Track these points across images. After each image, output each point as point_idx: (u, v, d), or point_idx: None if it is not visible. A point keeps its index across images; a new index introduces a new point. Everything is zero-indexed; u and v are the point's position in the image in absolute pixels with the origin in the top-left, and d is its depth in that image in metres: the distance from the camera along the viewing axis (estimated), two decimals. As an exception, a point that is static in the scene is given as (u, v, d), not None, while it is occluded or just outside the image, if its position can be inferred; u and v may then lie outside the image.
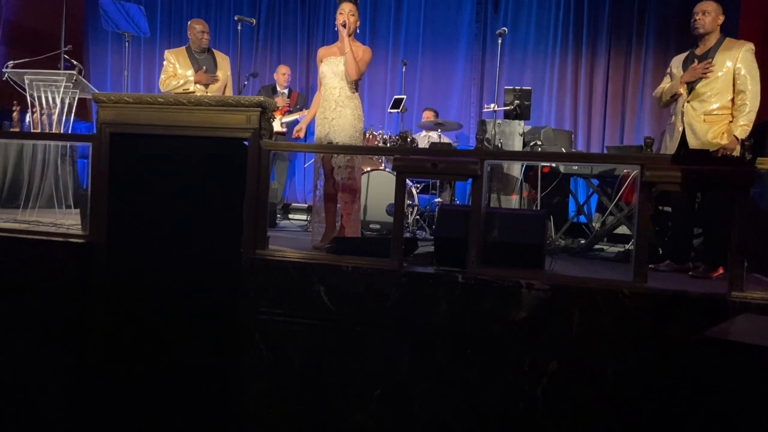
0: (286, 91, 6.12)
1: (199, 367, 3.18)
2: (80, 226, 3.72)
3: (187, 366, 3.19)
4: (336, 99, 3.69)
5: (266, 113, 3.19)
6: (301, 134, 4.00)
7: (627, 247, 4.49)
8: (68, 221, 4.03)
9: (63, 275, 3.34)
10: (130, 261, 3.29)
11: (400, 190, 3.05)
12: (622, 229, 4.75)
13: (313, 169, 4.01)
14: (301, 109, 5.97)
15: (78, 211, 4.07)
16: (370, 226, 4.95)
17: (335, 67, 3.69)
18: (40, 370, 3.38)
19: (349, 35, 3.66)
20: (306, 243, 3.93)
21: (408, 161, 3.07)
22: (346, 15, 3.64)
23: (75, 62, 4.56)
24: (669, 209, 4.00)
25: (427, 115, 6.27)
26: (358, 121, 3.72)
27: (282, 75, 6.15)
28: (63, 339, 3.33)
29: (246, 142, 3.17)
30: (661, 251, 4.01)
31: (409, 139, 5.30)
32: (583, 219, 5.11)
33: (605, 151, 5.93)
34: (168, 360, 3.21)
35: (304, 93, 7.07)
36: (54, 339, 3.35)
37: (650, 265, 3.54)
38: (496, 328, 2.79)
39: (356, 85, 3.75)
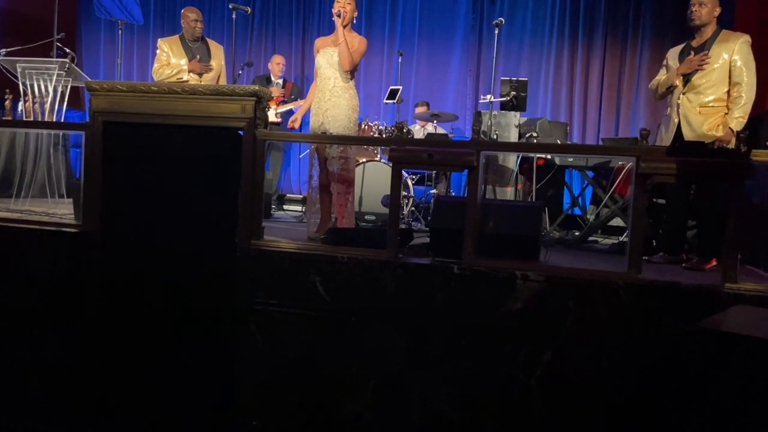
0: (280, 81, 6.08)
1: (194, 357, 3.17)
2: (73, 216, 3.69)
3: (182, 356, 3.19)
4: (331, 89, 3.67)
5: (261, 103, 3.16)
6: (296, 125, 3.98)
7: (621, 239, 4.50)
8: (61, 210, 4.01)
9: (56, 265, 3.32)
10: (123, 251, 3.27)
11: (396, 181, 3.05)
12: (617, 221, 4.76)
13: (308, 160, 3.99)
14: (295, 99, 5.93)
15: (71, 200, 4.04)
16: (365, 217, 4.94)
17: (330, 58, 3.67)
18: (34, 360, 3.36)
19: (345, 25, 3.63)
20: (301, 234, 3.92)
21: (404, 152, 3.07)
22: (342, 4, 3.62)
23: (68, 50, 4.52)
24: (663, 201, 4.01)
25: (421, 109, 6.25)
26: (352, 111, 3.70)
27: (276, 65, 6.11)
28: (56, 329, 3.32)
29: (241, 132, 3.15)
30: (654, 243, 4.02)
31: (405, 130, 5.29)
32: (577, 211, 5.12)
33: (600, 143, 5.94)
34: (163, 350, 3.20)
35: (299, 83, 7.03)
36: (47, 329, 3.33)
37: (644, 257, 3.57)
38: (491, 319, 2.80)
39: (352, 76, 3.73)
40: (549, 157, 4.65)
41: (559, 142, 5.00)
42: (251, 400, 3.08)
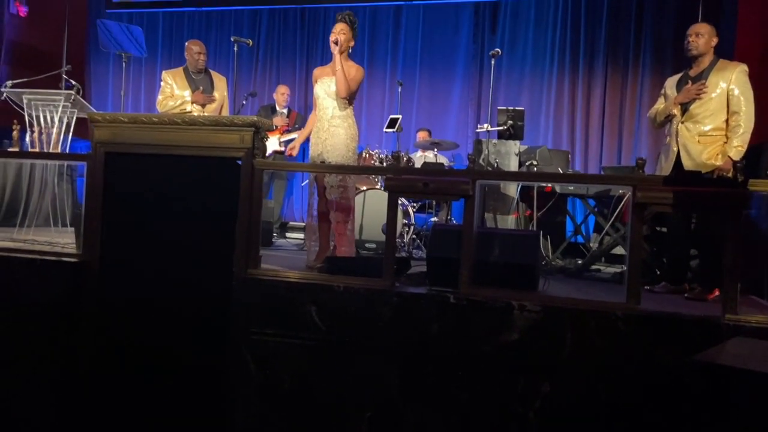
0: (285, 110, 6.15)
1: (189, 386, 3.15)
2: (75, 245, 3.71)
3: (177, 385, 3.17)
4: (329, 119, 3.71)
5: (259, 133, 3.20)
6: (294, 152, 4.01)
7: (624, 267, 4.45)
8: (64, 240, 4.03)
9: (55, 295, 3.33)
10: (122, 280, 3.28)
11: (392, 209, 3.05)
12: (620, 250, 4.72)
13: (308, 188, 4.02)
14: (299, 128, 5.99)
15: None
16: (366, 245, 4.93)
17: (327, 88, 3.71)
18: (32, 389, 3.35)
19: (341, 53, 3.69)
20: (301, 262, 3.92)
21: (400, 181, 3.08)
22: (337, 33, 3.68)
23: (74, 82, 4.60)
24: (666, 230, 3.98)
25: (422, 135, 6.29)
26: (351, 140, 3.73)
27: (281, 95, 6.19)
28: (54, 357, 3.31)
29: (239, 161, 3.18)
30: (658, 272, 3.98)
31: (405, 159, 5.32)
32: (580, 239, 5.09)
33: (602, 171, 5.93)
34: (159, 379, 3.19)
35: (303, 112, 7.11)
36: (45, 357, 3.32)
37: (646, 287, 3.53)
38: (488, 350, 2.76)
39: (350, 104, 3.77)
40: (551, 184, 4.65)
41: (560, 170, 5.00)
42: (245, 431, 3.04)
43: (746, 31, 5.50)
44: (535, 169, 4.75)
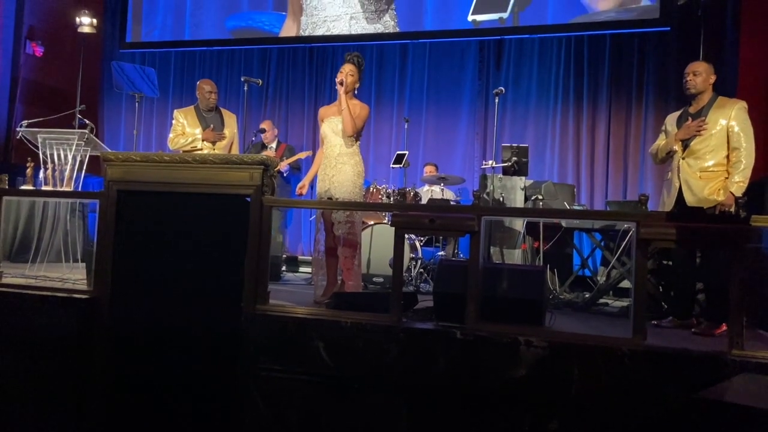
0: (273, 144, 6.22)
1: (197, 421, 3.15)
2: (86, 281, 3.76)
3: (186, 421, 3.17)
4: (336, 156, 3.79)
5: (269, 170, 3.27)
6: (304, 191, 4.08)
7: (631, 301, 4.45)
8: (75, 276, 4.08)
9: (66, 331, 3.36)
10: (132, 316, 3.31)
11: (399, 245, 3.09)
12: (627, 283, 4.71)
13: (315, 223, 4.07)
14: (286, 159, 6.04)
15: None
16: (374, 279, 4.96)
17: (335, 126, 3.81)
18: (43, 425, 3.36)
19: (347, 93, 3.79)
20: (309, 297, 3.94)
21: (406, 217, 3.12)
22: (345, 74, 3.79)
23: (87, 121, 4.72)
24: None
25: (429, 170, 6.37)
26: (357, 177, 3.80)
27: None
28: (65, 393, 3.33)
29: (248, 199, 3.24)
30: (665, 306, 3.98)
31: (412, 194, 5.38)
32: (587, 272, 5.10)
33: (606, 205, 5.96)
34: (168, 416, 3.19)
35: (313, 149, 7.20)
36: (57, 393, 3.34)
37: (653, 321, 3.53)
38: (495, 386, 2.76)
39: (356, 142, 3.85)
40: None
41: (566, 203, 5.04)
42: (252, 470, 3.03)
43: (748, 68, 5.58)
44: (541, 203, 4.79)
